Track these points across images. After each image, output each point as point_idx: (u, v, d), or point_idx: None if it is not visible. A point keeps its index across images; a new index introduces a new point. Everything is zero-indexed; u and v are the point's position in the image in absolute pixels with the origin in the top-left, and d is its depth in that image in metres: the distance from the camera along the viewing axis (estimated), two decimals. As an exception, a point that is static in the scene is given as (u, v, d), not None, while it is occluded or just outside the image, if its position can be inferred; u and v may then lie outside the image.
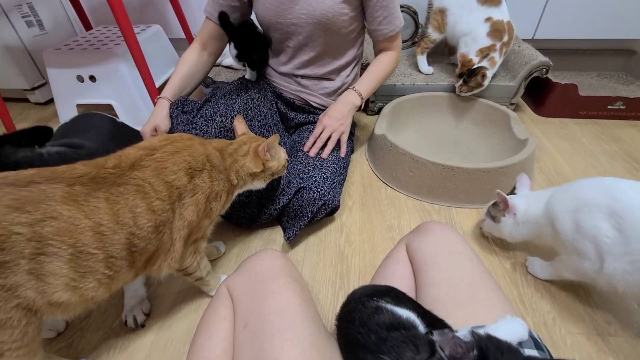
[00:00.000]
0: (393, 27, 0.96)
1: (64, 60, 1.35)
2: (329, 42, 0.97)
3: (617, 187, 0.63)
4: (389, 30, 0.96)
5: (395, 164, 1.06)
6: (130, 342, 0.70)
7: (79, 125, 0.95)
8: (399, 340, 0.40)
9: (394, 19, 0.95)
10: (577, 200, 0.66)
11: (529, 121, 1.41)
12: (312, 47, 0.98)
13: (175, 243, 0.61)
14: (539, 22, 1.57)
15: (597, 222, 0.63)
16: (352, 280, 0.81)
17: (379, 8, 0.91)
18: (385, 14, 0.93)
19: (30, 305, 0.48)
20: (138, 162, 0.57)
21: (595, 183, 0.67)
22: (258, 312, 0.52)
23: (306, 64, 1.01)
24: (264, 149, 0.73)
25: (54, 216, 0.48)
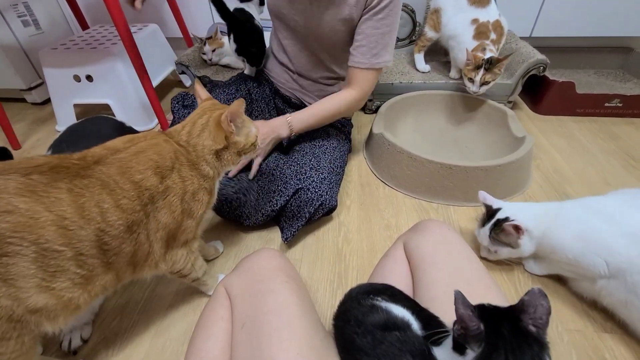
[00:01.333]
0: (364, 61, 0.87)
1: (60, 59, 1.34)
2: (324, 52, 0.97)
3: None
4: (357, 61, 0.88)
5: (393, 162, 1.06)
6: (129, 343, 0.70)
7: (84, 130, 0.95)
8: (394, 347, 0.40)
9: (371, 56, 0.87)
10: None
11: (527, 119, 1.41)
12: (310, 51, 0.98)
13: (153, 245, 0.58)
14: (536, 20, 1.57)
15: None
16: (350, 279, 0.81)
17: (361, 33, 0.86)
18: (364, 42, 0.86)
19: (11, 315, 0.45)
20: (103, 160, 0.53)
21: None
22: (256, 311, 0.52)
23: (304, 64, 1.01)
24: (227, 119, 0.61)
25: (8, 210, 0.42)
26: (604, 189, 1.04)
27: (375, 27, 0.84)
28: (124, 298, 0.79)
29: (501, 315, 0.37)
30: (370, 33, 0.85)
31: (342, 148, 1.04)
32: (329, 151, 0.98)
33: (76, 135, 0.94)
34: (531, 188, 1.06)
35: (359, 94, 0.93)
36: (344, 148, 1.07)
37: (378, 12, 0.82)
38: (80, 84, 1.36)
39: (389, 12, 0.83)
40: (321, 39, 0.92)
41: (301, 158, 0.94)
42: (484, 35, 1.23)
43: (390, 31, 0.85)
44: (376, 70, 0.90)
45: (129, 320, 0.74)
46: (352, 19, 0.86)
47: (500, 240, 0.75)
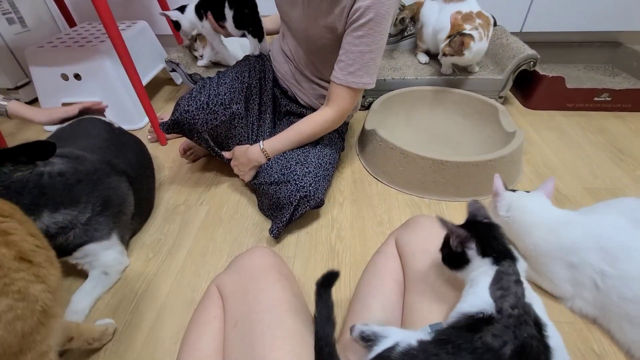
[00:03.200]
0: (339, 77, 0.85)
1: (47, 58, 1.32)
2: (313, 55, 0.96)
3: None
4: (335, 75, 0.86)
5: (385, 158, 1.06)
6: (121, 343, 0.70)
7: (73, 131, 0.94)
8: None
9: (348, 73, 0.84)
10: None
11: (517, 114, 1.42)
12: (304, 50, 0.98)
13: None
14: (527, 16, 1.58)
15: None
16: (344, 276, 0.81)
17: (342, 47, 0.84)
18: (342, 57, 0.84)
19: None
20: None
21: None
22: (248, 310, 0.52)
23: (300, 59, 1.01)
24: None
25: None
26: (592, 181, 1.06)
27: (354, 44, 0.81)
28: (116, 298, 0.78)
29: (468, 223, 0.51)
30: (349, 49, 0.82)
31: (333, 145, 1.04)
32: (320, 147, 0.98)
33: (66, 135, 0.93)
34: (522, 182, 1.07)
35: (336, 113, 0.90)
36: (336, 145, 1.06)
37: (357, 29, 0.80)
38: (68, 83, 1.34)
39: (369, 31, 0.79)
40: (310, 41, 0.92)
41: (290, 152, 0.94)
42: (470, 20, 1.26)
43: (370, 51, 0.81)
44: (353, 90, 0.87)
45: (121, 320, 0.74)
46: (335, 28, 0.84)
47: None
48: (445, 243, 0.53)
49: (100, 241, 0.77)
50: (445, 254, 0.52)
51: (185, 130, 0.92)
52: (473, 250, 0.47)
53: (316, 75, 1.01)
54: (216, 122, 0.91)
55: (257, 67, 1.06)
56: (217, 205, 1.03)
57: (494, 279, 0.44)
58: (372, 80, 0.86)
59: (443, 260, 0.52)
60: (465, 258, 0.48)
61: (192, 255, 0.88)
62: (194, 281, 0.82)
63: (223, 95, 0.92)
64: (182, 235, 0.94)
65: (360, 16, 0.78)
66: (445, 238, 0.53)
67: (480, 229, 0.49)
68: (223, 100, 0.91)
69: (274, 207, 0.90)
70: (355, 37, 0.81)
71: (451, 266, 0.50)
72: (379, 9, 0.77)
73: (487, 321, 0.41)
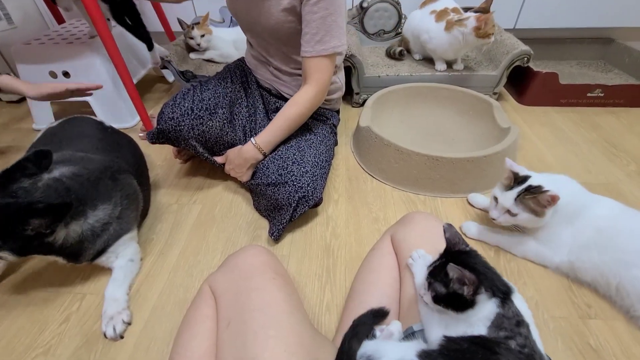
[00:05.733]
0: (309, 50, 0.83)
1: (34, 55, 1.29)
2: (285, 46, 0.94)
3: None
4: (304, 50, 0.85)
5: (380, 155, 1.06)
6: (112, 345, 0.68)
7: (66, 131, 0.93)
8: None
9: (315, 42, 0.82)
10: None
11: (512, 110, 1.43)
12: (274, 47, 0.96)
13: None
14: (520, 12, 1.58)
15: None
16: (339, 274, 0.80)
17: (303, 21, 0.83)
18: (306, 30, 0.82)
19: None
20: None
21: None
22: (241, 309, 0.51)
23: (274, 58, 1.00)
24: None
25: None
26: (585, 177, 1.06)
27: (312, 11, 0.80)
28: (106, 300, 0.77)
29: (458, 256, 0.49)
30: (309, 19, 0.80)
31: (327, 142, 1.03)
32: (315, 145, 0.96)
33: (58, 137, 0.91)
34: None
35: (316, 87, 0.88)
36: (330, 142, 1.06)
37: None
38: (57, 81, 1.31)
39: None
40: (274, 33, 0.90)
41: (285, 152, 0.93)
42: (445, 14, 1.30)
43: (330, 14, 0.80)
44: (325, 58, 0.85)
45: (113, 322, 0.72)
46: (294, 7, 0.83)
47: (527, 205, 0.74)
48: (434, 276, 0.48)
49: (129, 232, 0.80)
50: (444, 296, 0.46)
51: (171, 138, 0.91)
52: (483, 294, 0.43)
53: (293, 67, 1.00)
54: (202, 127, 0.90)
55: (238, 72, 1.07)
56: (210, 204, 1.02)
57: (493, 322, 0.42)
58: (342, 42, 0.85)
59: (437, 301, 0.46)
60: (469, 301, 0.44)
61: (185, 255, 0.87)
62: (186, 281, 0.80)
63: (207, 101, 0.92)
64: (174, 235, 0.92)
65: None
66: (433, 272, 0.49)
67: (466, 261, 0.47)
68: (208, 106, 0.91)
69: (272, 208, 0.89)
70: (312, 5, 0.79)
71: (454, 308, 0.45)
72: None
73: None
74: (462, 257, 0.48)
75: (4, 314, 0.74)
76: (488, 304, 0.44)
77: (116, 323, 0.70)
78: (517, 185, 0.76)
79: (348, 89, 1.30)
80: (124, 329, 0.70)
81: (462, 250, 0.50)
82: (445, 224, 0.53)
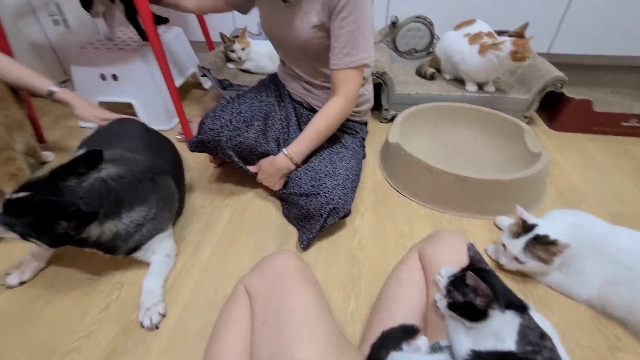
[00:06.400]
0: (337, 62, 0.87)
1: (88, 58, 1.39)
2: (314, 61, 0.99)
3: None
4: (332, 63, 0.88)
5: (408, 172, 1.08)
6: (147, 335, 0.73)
7: (115, 131, 0.99)
8: None
9: (343, 55, 0.86)
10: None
11: (542, 135, 1.42)
12: (304, 62, 1.01)
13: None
14: (555, 37, 1.58)
15: None
16: (364, 285, 0.82)
17: (332, 36, 0.86)
18: (335, 44, 0.86)
19: None
20: None
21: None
22: (275, 310, 0.54)
23: (304, 73, 1.04)
24: None
25: None
26: (618, 207, 1.04)
27: (341, 26, 0.84)
28: (143, 292, 0.81)
29: (478, 272, 0.49)
30: (338, 34, 0.85)
31: (357, 155, 1.06)
32: (346, 158, 1.00)
33: (109, 136, 0.97)
34: (545, 203, 1.06)
35: (344, 99, 0.92)
36: (359, 155, 1.09)
37: (340, 12, 0.83)
38: (106, 83, 1.40)
39: (351, 10, 0.82)
40: (305, 49, 0.95)
41: (318, 164, 0.97)
42: (479, 38, 1.32)
43: (357, 28, 0.84)
44: (353, 69, 0.88)
45: (148, 313, 0.77)
46: (323, 24, 0.87)
47: (535, 254, 0.76)
48: (454, 285, 0.51)
49: (163, 232, 0.85)
50: (460, 304, 0.50)
51: (210, 147, 0.97)
52: (496, 309, 0.47)
53: (323, 80, 1.04)
54: (239, 138, 0.95)
55: (272, 86, 1.13)
56: (241, 209, 1.06)
57: (519, 334, 0.44)
58: (369, 54, 0.88)
59: (452, 308, 0.51)
60: (481, 312, 0.47)
61: (216, 255, 0.91)
62: (216, 280, 0.84)
63: (244, 113, 0.97)
64: (206, 235, 0.97)
65: (339, 0, 0.82)
66: (454, 281, 0.52)
67: (486, 278, 0.49)
68: (245, 118, 0.96)
69: (303, 218, 0.92)
70: (340, 21, 0.83)
71: (468, 317, 0.49)
72: None
73: None
74: (482, 274, 0.50)
75: (51, 296, 0.80)
76: (505, 317, 0.46)
77: (152, 314, 0.74)
78: (525, 233, 0.77)
79: (377, 105, 1.34)
80: (159, 320, 0.74)
81: (482, 268, 0.53)
82: (469, 242, 0.57)
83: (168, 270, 0.85)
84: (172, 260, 0.87)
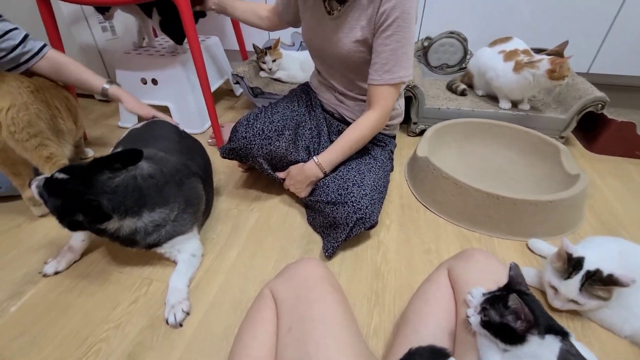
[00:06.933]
0: (377, 78, 0.89)
1: (132, 63, 1.47)
2: (352, 73, 1.00)
3: None
4: (371, 79, 0.90)
5: (436, 187, 1.06)
6: (172, 331, 0.74)
7: (150, 132, 1.04)
8: None
9: (383, 72, 0.88)
10: None
11: (579, 156, 1.36)
12: (341, 73, 1.03)
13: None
14: (596, 56, 1.53)
15: None
16: (388, 299, 0.81)
17: (374, 51, 0.88)
18: (376, 59, 0.88)
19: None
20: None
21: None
22: (302, 317, 0.54)
23: (340, 84, 1.06)
24: None
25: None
26: (664, 237, 0.98)
27: (385, 44, 0.85)
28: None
29: (518, 294, 0.47)
30: (381, 50, 0.86)
31: (386, 167, 1.06)
32: (374, 169, 0.99)
33: (144, 136, 1.02)
34: (583, 228, 1.01)
35: (379, 113, 0.94)
36: (388, 167, 1.08)
37: (385, 30, 0.84)
38: (146, 87, 1.48)
39: (397, 29, 0.83)
40: (344, 62, 0.96)
41: (346, 173, 0.97)
42: (515, 55, 1.30)
43: (401, 46, 0.85)
44: (392, 86, 0.90)
45: (174, 310, 0.78)
46: (366, 39, 0.89)
47: (594, 294, 0.68)
48: (492, 304, 0.49)
49: (185, 234, 0.86)
50: (496, 324, 0.47)
51: (242, 154, 0.99)
52: (535, 334, 0.45)
53: (357, 92, 1.05)
54: (270, 146, 0.97)
55: (303, 96, 1.15)
56: (266, 214, 1.07)
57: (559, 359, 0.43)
58: (409, 72, 0.89)
59: (486, 327, 0.49)
60: (519, 336, 0.46)
61: (241, 258, 0.92)
62: (242, 283, 0.85)
63: (276, 123, 0.99)
64: (232, 238, 0.98)
65: (386, 17, 0.83)
66: (491, 299, 0.50)
67: (526, 302, 0.47)
68: (277, 127, 0.98)
69: (328, 226, 0.92)
70: (385, 38, 0.85)
71: (503, 339, 0.47)
72: (403, 6, 0.81)
73: None
74: (523, 297, 0.48)
75: (84, 287, 0.84)
76: (544, 342, 0.44)
77: (177, 311, 0.75)
78: (573, 270, 0.69)
79: (406, 118, 1.33)
80: (183, 318, 0.76)
81: (523, 291, 0.50)
82: (512, 262, 0.54)
83: (194, 269, 0.87)
84: (197, 260, 0.88)
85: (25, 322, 0.76)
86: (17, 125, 0.88)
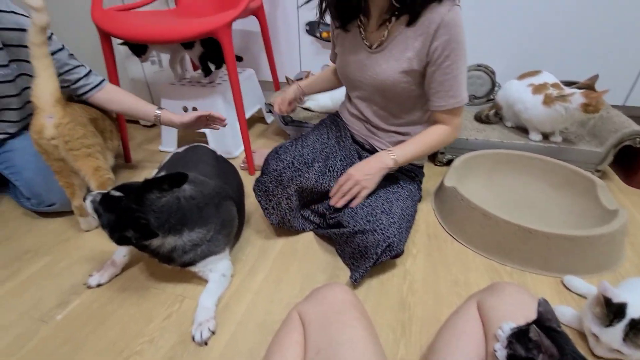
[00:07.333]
0: (444, 104, 0.94)
1: (175, 93, 1.60)
2: (388, 103, 1.03)
3: None
4: (437, 105, 0.95)
5: (464, 218, 1.05)
6: (201, 350, 0.76)
7: (190, 156, 1.12)
8: None
9: (449, 97, 0.93)
10: None
11: (617, 191, 1.30)
12: (379, 105, 1.06)
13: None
14: (632, 88, 1.50)
15: None
16: (415, 331, 0.79)
17: (434, 81, 0.92)
18: (439, 88, 0.92)
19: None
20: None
21: None
22: (330, 341, 0.55)
23: (374, 116, 1.09)
24: None
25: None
26: None
27: (445, 73, 0.90)
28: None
29: (547, 332, 0.47)
30: (442, 80, 0.91)
31: (414, 197, 1.07)
32: (402, 198, 1.01)
33: (185, 160, 1.10)
34: (623, 267, 0.96)
35: (451, 129, 0.99)
36: (416, 198, 1.09)
37: (443, 62, 0.88)
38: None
39: (455, 58, 0.87)
40: (384, 92, 1.00)
41: (374, 201, 0.98)
42: (544, 88, 1.29)
43: (459, 73, 0.90)
44: (457, 108, 0.96)
45: (203, 328, 0.81)
46: (412, 70, 0.92)
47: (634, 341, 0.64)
48: (517, 337, 0.49)
49: (218, 254, 0.90)
50: (521, 359, 0.47)
51: (272, 186, 0.99)
52: None
53: (392, 123, 1.08)
54: (300, 178, 1.00)
55: (333, 128, 1.18)
56: (293, 239, 1.10)
57: None
58: (467, 93, 0.95)
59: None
60: None
61: (268, 281, 0.94)
62: (268, 305, 0.87)
63: (306, 156, 1.03)
64: (260, 260, 1.01)
65: (442, 52, 0.87)
66: (517, 333, 0.50)
67: (555, 339, 0.46)
68: (306, 160, 1.02)
69: (357, 255, 0.92)
70: (444, 68, 0.89)
71: None
72: (456, 37, 0.85)
73: None
74: (552, 334, 0.47)
75: (123, 300, 0.89)
76: None
77: (203, 329, 0.78)
78: (615, 317, 0.65)
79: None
80: (209, 337, 0.78)
81: (553, 328, 0.49)
82: (541, 298, 0.53)
83: (223, 289, 0.90)
84: (227, 280, 0.92)
85: (69, 331, 0.81)
86: (72, 136, 0.99)
